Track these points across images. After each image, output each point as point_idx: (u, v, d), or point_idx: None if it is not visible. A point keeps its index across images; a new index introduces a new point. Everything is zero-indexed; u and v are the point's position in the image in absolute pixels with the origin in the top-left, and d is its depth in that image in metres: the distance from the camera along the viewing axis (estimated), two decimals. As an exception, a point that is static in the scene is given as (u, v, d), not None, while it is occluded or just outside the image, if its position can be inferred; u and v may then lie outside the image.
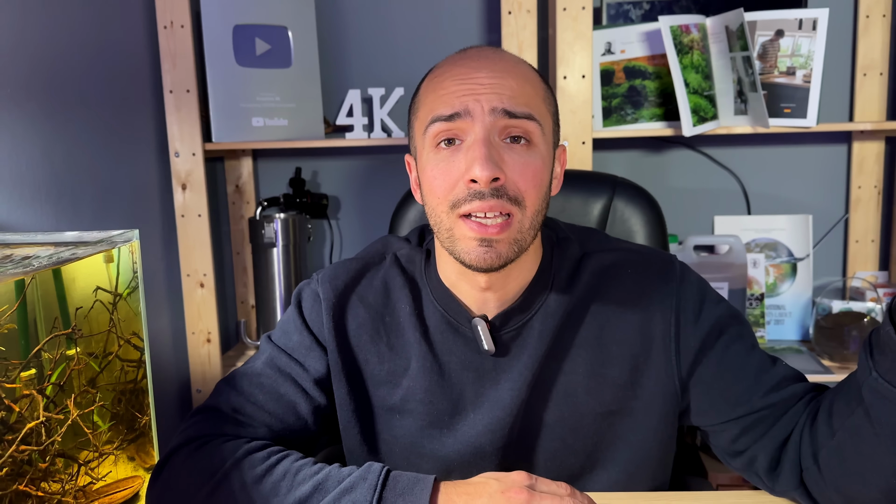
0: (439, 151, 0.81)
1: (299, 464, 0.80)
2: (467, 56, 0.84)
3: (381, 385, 0.92)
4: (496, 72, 0.81)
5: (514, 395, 0.88)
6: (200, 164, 1.71)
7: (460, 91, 0.80)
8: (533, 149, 0.81)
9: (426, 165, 0.83)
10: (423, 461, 0.91)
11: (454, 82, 0.81)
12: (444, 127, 0.80)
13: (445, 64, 0.85)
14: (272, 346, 0.93)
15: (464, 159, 0.80)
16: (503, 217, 0.79)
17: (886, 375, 0.72)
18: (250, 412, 0.88)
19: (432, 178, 0.82)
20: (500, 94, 0.80)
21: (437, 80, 0.84)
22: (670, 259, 0.93)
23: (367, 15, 1.93)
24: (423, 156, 0.84)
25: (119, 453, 0.89)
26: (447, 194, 0.81)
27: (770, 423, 0.85)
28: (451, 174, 0.80)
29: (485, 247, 0.80)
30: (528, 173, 0.80)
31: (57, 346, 0.79)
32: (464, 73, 0.81)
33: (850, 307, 1.76)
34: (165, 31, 1.67)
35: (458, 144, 0.81)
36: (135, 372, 0.93)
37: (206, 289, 1.75)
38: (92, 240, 0.88)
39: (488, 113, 0.79)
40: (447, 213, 0.81)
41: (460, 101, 0.80)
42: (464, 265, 0.83)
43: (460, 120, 0.79)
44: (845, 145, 1.89)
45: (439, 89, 0.82)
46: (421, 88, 0.87)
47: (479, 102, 0.79)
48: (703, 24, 1.66)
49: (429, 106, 0.83)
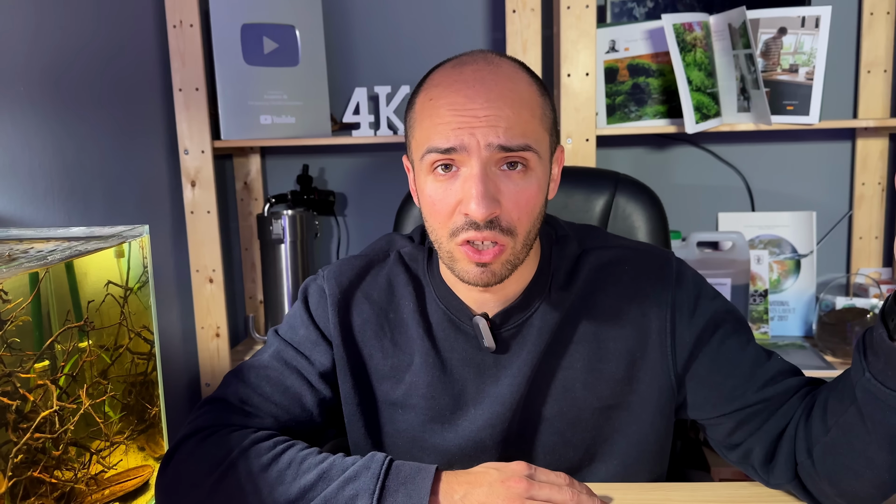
0: (436, 176, 0.82)
1: (304, 453, 0.82)
2: (463, 78, 0.82)
3: (384, 380, 0.94)
4: (492, 101, 0.80)
5: (514, 390, 0.90)
6: (209, 162, 1.73)
7: (455, 123, 0.80)
8: (529, 174, 0.82)
9: (424, 187, 0.84)
10: (426, 454, 0.93)
11: (450, 112, 0.80)
12: (440, 158, 0.81)
13: (442, 82, 0.84)
14: (279, 339, 0.96)
15: (461, 189, 0.81)
16: (496, 244, 0.81)
17: (879, 376, 0.74)
18: (257, 403, 0.90)
19: (431, 202, 0.83)
20: (496, 126, 0.79)
21: (433, 104, 0.83)
22: (667, 256, 0.95)
23: (374, 14, 1.95)
24: (421, 176, 0.84)
25: (129, 443, 0.91)
26: (445, 221, 0.82)
27: (765, 416, 0.86)
28: (448, 201, 0.82)
29: (480, 268, 0.82)
30: (523, 201, 0.81)
31: (70, 339, 0.82)
32: (460, 104, 0.80)
33: (854, 303, 1.76)
34: (175, 30, 1.69)
35: (455, 171, 0.81)
36: (145, 364, 0.96)
37: (214, 284, 1.77)
38: (103, 235, 0.90)
39: (484, 148, 0.79)
40: (447, 239, 0.83)
41: (455, 134, 0.79)
42: (462, 282, 0.86)
43: (456, 153, 0.80)
44: (849, 142, 1.90)
45: (435, 117, 0.82)
46: (417, 103, 0.86)
47: (474, 137, 0.79)
48: (707, 22, 1.67)
49: (424, 132, 0.83)
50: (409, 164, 0.91)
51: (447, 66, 0.86)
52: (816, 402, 0.83)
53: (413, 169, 0.88)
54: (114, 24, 1.55)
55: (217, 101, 1.74)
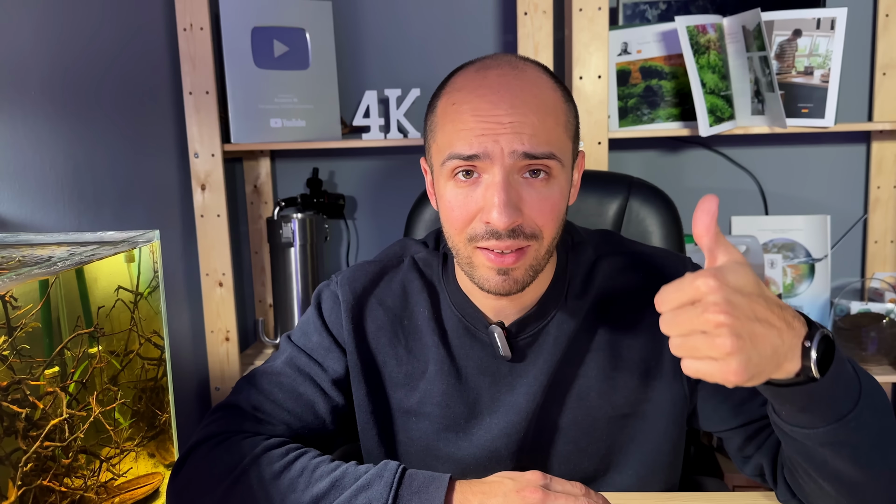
0: (457, 182, 0.81)
1: (317, 461, 0.81)
2: (487, 83, 0.80)
3: (398, 387, 0.93)
4: (516, 107, 0.78)
5: (530, 399, 0.89)
6: (219, 165, 1.73)
7: (479, 129, 0.78)
8: (552, 181, 0.81)
9: (443, 192, 0.83)
10: (440, 463, 0.92)
11: (473, 118, 0.79)
12: (461, 164, 0.79)
13: (465, 87, 0.82)
14: (292, 345, 0.95)
15: (482, 197, 0.79)
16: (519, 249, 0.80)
17: (784, 417, 0.72)
18: (270, 410, 0.89)
19: (450, 208, 0.82)
20: (521, 133, 0.78)
21: (456, 109, 0.81)
22: (682, 261, 0.93)
23: (384, 17, 1.94)
24: (441, 180, 0.83)
25: (140, 450, 0.90)
26: (464, 227, 0.81)
27: (770, 431, 0.85)
28: (469, 208, 0.80)
29: (502, 275, 0.81)
30: (546, 209, 0.80)
31: (80, 345, 0.81)
32: (484, 109, 0.79)
33: (869, 308, 1.74)
34: (185, 33, 1.69)
35: (477, 178, 0.80)
36: (155, 370, 0.95)
37: (224, 288, 1.77)
38: (114, 240, 0.89)
39: (508, 155, 0.78)
40: (464, 244, 0.82)
41: (479, 141, 0.78)
42: (482, 290, 0.84)
43: (479, 160, 0.79)
44: (864, 145, 1.88)
45: (458, 122, 0.80)
46: (438, 107, 0.84)
47: (498, 144, 0.78)
48: (720, 24, 1.66)
49: (446, 137, 0.81)
50: (426, 167, 0.90)
51: (470, 69, 0.84)
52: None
53: (432, 172, 0.87)
54: (124, 28, 1.55)
55: (227, 104, 1.74)
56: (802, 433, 0.71)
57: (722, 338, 0.58)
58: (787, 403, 0.69)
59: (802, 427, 0.70)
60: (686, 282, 0.61)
